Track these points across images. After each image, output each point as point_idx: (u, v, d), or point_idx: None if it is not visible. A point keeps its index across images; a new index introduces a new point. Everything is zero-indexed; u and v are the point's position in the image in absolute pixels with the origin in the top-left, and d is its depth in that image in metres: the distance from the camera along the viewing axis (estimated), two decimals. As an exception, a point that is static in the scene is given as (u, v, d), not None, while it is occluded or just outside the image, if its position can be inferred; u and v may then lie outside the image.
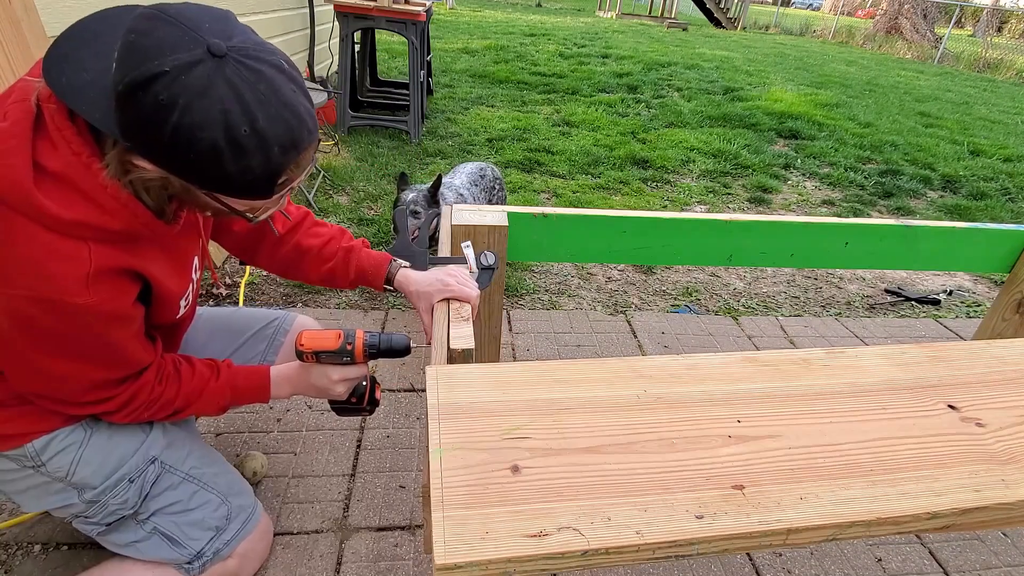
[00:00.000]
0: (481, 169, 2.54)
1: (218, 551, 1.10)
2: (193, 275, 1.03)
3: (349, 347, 1.04)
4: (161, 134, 0.69)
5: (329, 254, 1.21)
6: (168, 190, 0.80)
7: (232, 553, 1.12)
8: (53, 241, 0.75)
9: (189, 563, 1.08)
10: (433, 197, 2.12)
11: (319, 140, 0.85)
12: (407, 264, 1.23)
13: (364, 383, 1.17)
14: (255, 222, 0.87)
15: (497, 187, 2.61)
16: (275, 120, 0.73)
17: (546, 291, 2.59)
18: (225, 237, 1.21)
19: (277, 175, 0.78)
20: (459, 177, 2.41)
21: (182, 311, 1.01)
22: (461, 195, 2.31)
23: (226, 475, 1.15)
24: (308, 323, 1.45)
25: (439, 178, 2.11)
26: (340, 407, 1.18)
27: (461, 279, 1.15)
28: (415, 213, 2.06)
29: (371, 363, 1.18)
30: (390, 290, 1.23)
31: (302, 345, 1.03)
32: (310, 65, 4.32)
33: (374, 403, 1.20)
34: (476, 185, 2.45)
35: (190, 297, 1.04)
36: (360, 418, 1.75)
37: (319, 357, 1.05)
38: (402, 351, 1.06)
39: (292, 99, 0.74)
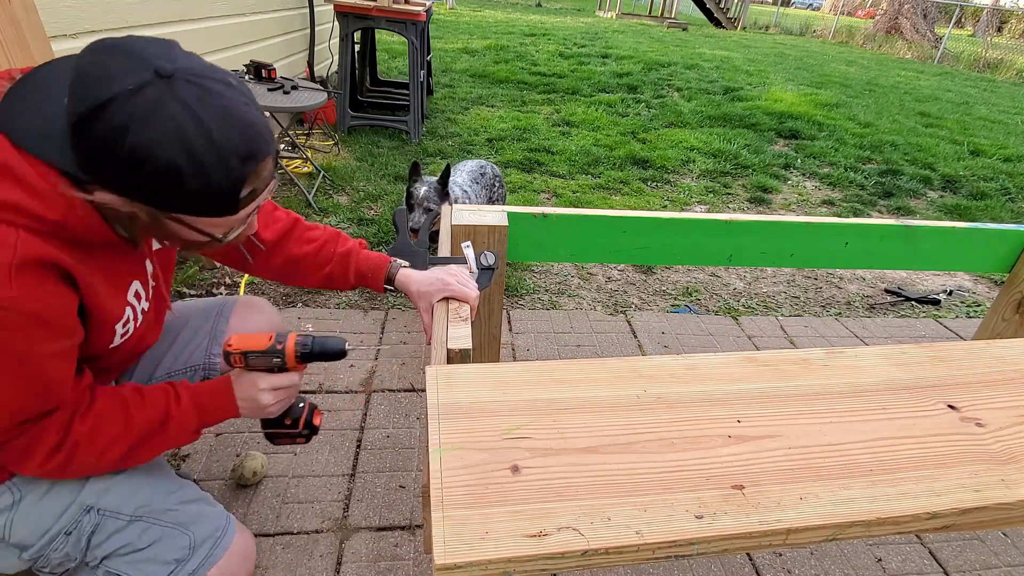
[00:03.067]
0: (481, 167, 2.55)
1: None
2: (132, 301, 0.93)
3: (279, 347, 0.98)
4: (118, 158, 0.69)
5: (325, 259, 1.20)
6: (136, 223, 0.78)
7: None
8: None
9: None
10: (444, 189, 2.14)
11: (278, 152, 0.84)
12: (406, 264, 1.22)
13: (301, 404, 1.10)
14: (224, 243, 0.84)
15: (497, 185, 2.62)
16: (230, 131, 0.73)
17: (546, 291, 2.59)
18: (214, 251, 1.16)
19: (239, 187, 0.77)
20: (460, 175, 2.41)
21: (117, 340, 0.92)
22: (465, 191, 2.32)
23: (187, 505, 1.04)
24: (257, 304, 1.34)
25: (448, 169, 2.13)
26: (272, 431, 1.09)
27: (461, 279, 1.15)
28: (428, 210, 2.08)
29: (310, 397, 1.10)
30: (391, 290, 1.22)
31: (229, 345, 0.97)
32: (310, 65, 4.32)
33: (312, 429, 1.11)
34: (477, 183, 2.46)
35: (129, 328, 0.94)
36: (361, 416, 1.75)
37: (247, 359, 0.98)
38: (336, 354, 1.00)
39: (245, 111, 0.75)
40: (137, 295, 0.94)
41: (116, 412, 0.89)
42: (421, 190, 2.10)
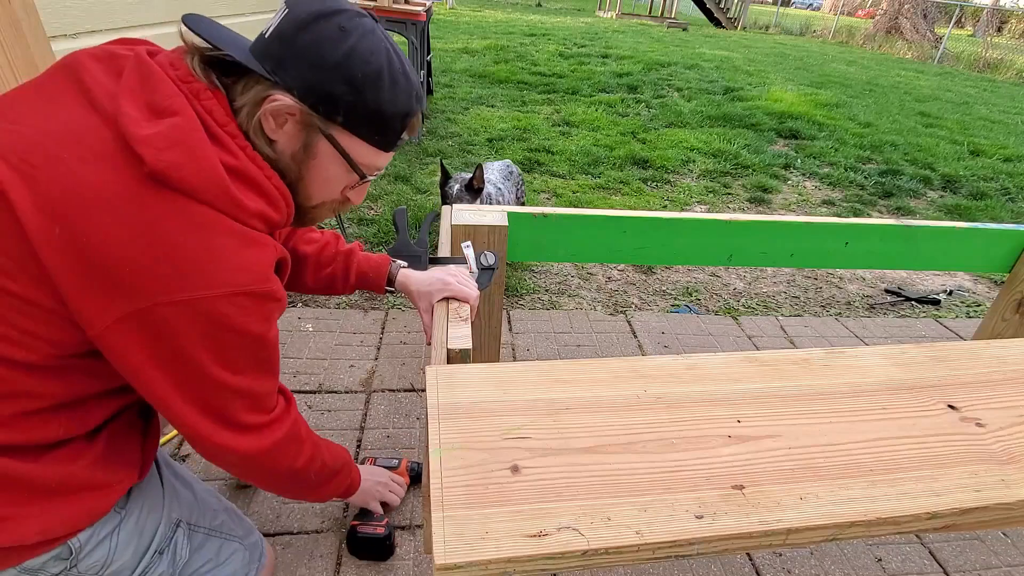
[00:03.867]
0: (508, 166, 2.65)
1: None
2: None
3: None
4: (335, 55, 0.75)
5: (327, 259, 1.20)
6: (294, 138, 0.79)
7: None
8: (245, 232, 0.73)
9: None
10: (474, 189, 2.21)
11: None
12: (406, 264, 1.23)
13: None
14: (363, 183, 0.89)
15: (521, 183, 2.71)
16: (413, 74, 0.84)
17: (546, 291, 2.59)
18: None
19: (408, 118, 0.85)
20: (492, 173, 2.50)
21: None
22: (499, 188, 2.42)
23: (236, 516, 1.07)
24: None
25: (480, 168, 2.21)
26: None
27: (461, 279, 1.15)
28: None
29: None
30: (391, 291, 1.22)
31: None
32: (310, 65, 4.32)
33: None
34: (508, 180, 2.56)
35: None
36: (361, 416, 1.75)
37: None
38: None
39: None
40: None
41: (305, 431, 0.94)
42: (455, 188, 2.21)
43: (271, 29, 0.78)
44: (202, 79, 0.75)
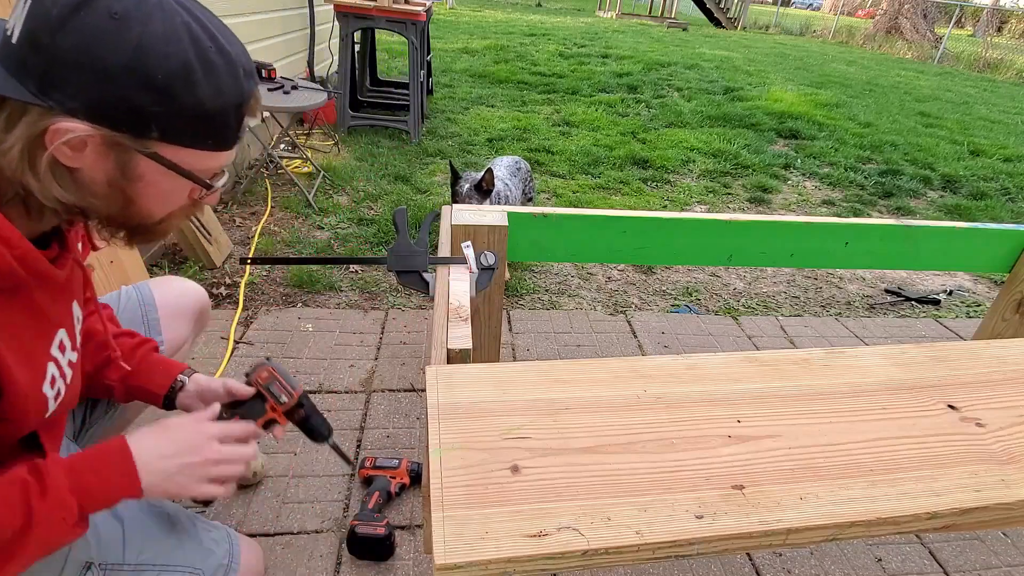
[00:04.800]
0: (516, 162, 2.65)
1: None
2: (55, 355, 0.74)
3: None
4: (119, 56, 0.57)
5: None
6: (102, 161, 0.62)
7: None
8: None
9: None
10: (483, 191, 2.24)
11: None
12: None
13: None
14: (210, 193, 0.72)
15: (529, 179, 2.72)
16: (233, 41, 0.65)
17: (546, 291, 2.59)
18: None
19: (243, 105, 0.67)
20: (499, 169, 2.51)
21: (50, 407, 0.73)
22: (506, 184, 2.42)
23: (189, 540, 0.90)
24: (174, 282, 1.17)
25: (489, 172, 2.23)
26: None
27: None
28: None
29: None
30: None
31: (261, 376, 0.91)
32: (310, 65, 4.32)
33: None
34: (515, 176, 2.57)
35: (59, 388, 0.75)
36: (361, 416, 1.75)
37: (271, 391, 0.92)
38: (318, 434, 0.96)
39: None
40: (62, 346, 0.76)
41: None
42: (464, 187, 2.24)
43: (17, 30, 0.58)
44: None
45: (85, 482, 0.70)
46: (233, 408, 0.90)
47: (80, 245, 0.80)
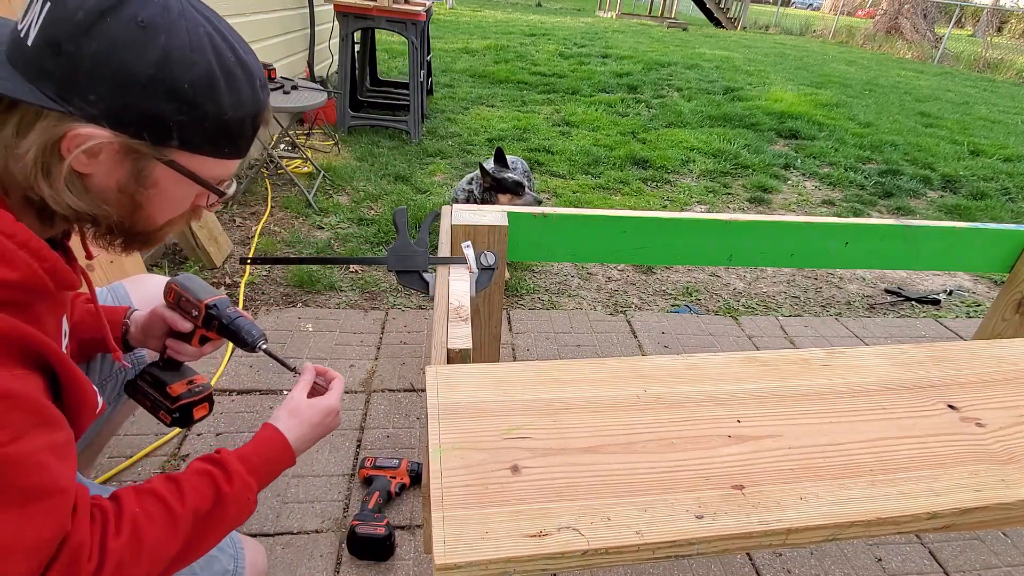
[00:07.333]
0: (515, 162, 2.67)
1: None
2: (64, 341, 0.75)
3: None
4: (145, 64, 0.57)
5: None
6: (116, 168, 0.62)
7: None
8: None
9: None
10: (487, 188, 2.38)
11: None
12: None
13: (200, 388, 0.99)
14: (220, 200, 0.73)
15: (528, 177, 2.74)
16: (248, 51, 0.66)
17: (546, 291, 2.59)
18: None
19: (260, 114, 0.69)
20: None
21: (100, 398, 0.76)
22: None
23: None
24: (143, 279, 1.16)
25: (497, 172, 2.34)
26: (152, 383, 0.97)
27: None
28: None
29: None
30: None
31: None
32: (310, 65, 4.32)
33: (184, 414, 0.97)
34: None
35: None
36: (361, 416, 1.75)
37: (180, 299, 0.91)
38: (244, 342, 0.91)
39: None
40: (65, 332, 0.77)
41: (154, 511, 0.68)
42: (510, 181, 2.36)
43: (34, 32, 0.57)
44: None
45: (254, 464, 0.82)
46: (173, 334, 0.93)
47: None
